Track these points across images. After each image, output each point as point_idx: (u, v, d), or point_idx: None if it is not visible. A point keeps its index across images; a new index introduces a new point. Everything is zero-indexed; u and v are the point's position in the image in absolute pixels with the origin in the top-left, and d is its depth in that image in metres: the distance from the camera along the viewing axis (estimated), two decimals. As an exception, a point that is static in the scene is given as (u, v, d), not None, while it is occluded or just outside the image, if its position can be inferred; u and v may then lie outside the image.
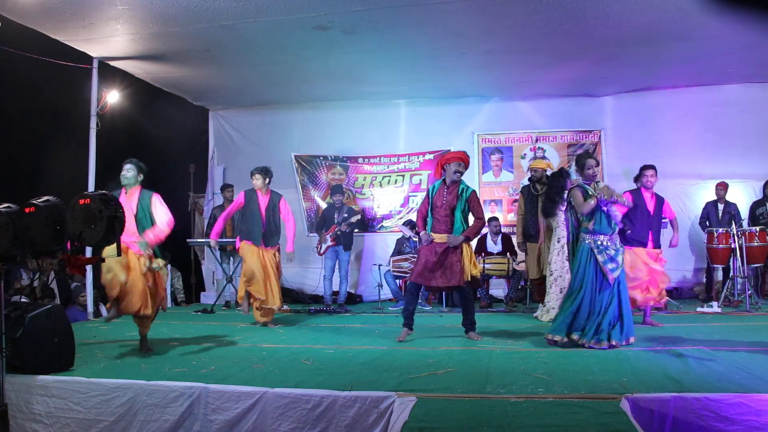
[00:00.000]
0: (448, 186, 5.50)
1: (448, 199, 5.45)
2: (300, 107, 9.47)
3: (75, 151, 7.38)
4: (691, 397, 3.24)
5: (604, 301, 4.86)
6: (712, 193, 8.15)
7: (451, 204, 5.42)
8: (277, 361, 4.52)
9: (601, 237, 4.94)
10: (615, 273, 4.86)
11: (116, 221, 3.77)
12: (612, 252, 4.90)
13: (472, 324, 5.52)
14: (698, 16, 6.02)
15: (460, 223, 5.43)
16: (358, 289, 9.27)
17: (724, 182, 7.99)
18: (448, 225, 5.44)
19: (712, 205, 8.04)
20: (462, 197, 5.45)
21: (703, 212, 8.12)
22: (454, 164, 5.44)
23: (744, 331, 5.47)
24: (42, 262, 6.14)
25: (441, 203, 5.46)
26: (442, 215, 5.44)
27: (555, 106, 9.07)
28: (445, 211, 5.44)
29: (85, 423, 3.78)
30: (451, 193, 5.47)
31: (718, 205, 8.01)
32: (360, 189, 9.48)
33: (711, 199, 8.12)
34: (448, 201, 5.44)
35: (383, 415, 3.34)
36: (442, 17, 6.12)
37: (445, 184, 5.52)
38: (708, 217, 8.00)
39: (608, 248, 4.91)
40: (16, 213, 3.71)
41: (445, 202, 5.45)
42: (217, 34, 6.45)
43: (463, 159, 5.51)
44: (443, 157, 5.67)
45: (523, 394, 3.42)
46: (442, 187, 5.53)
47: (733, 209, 7.93)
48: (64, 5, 5.72)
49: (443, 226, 5.44)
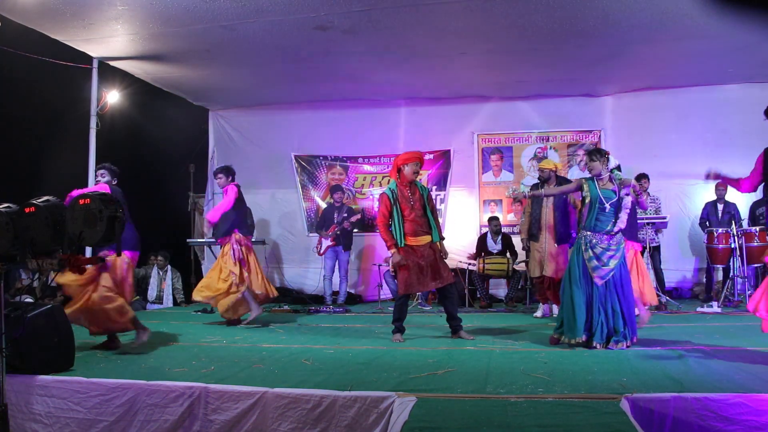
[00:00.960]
0: (409, 187, 5.41)
1: (416, 199, 5.37)
2: (300, 107, 9.48)
3: (75, 151, 7.38)
4: (691, 397, 3.23)
5: (594, 299, 4.76)
6: (712, 193, 8.15)
7: (421, 203, 5.37)
8: (277, 361, 4.52)
9: (587, 233, 4.84)
10: (597, 272, 4.74)
11: (116, 221, 3.76)
12: (598, 251, 4.77)
13: (460, 322, 5.47)
14: (698, 16, 6.03)
15: (432, 222, 5.40)
16: (358, 289, 9.27)
17: (724, 182, 7.98)
18: (426, 226, 5.37)
19: (712, 205, 8.04)
20: (424, 196, 5.42)
21: (703, 212, 8.12)
22: (412, 164, 5.37)
23: (744, 331, 5.47)
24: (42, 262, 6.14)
25: (412, 205, 5.34)
26: (419, 216, 5.35)
27: (555, 106, 9.08)
28: (420, 212, 5.35)
29: (85, 423, 3.78)
30: (416, 194, 5.39)
31: (718, 205, 8.01)
32: (360, 189, 9.49)
33: (710, 200, 8.12)
34: (417, 200, 5.37)
35: (383, 415, 3.34)
36: (442, 17, 6.12)
37: (403, 185, 5.41)
38: (708, 218, 8.01)
39: (595, 246, 4.79)
40: (16, 213, 3.70)
41: (415, 202, 5.35)
42: (217, 34, 6.45)
43: (420, 159, 5.47)
44: (399, 158, 5.50)
45: (523, 394, 3.41)
46: (403, 190, 5.40)
47: (733, 209, 7.92)
48: (64, 5, 5.73)
49: (423, 228, 5.35)
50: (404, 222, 5.33)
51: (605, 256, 4.75)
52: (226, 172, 6.54)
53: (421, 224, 5.35)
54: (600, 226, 4.82)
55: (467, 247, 8.69)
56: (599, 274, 4.73)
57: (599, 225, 4.82)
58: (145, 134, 8.48)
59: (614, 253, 4.77)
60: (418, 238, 5.33)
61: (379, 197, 5.50)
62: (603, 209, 4.81)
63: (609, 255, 4.75)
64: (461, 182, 9.20)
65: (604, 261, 4.74)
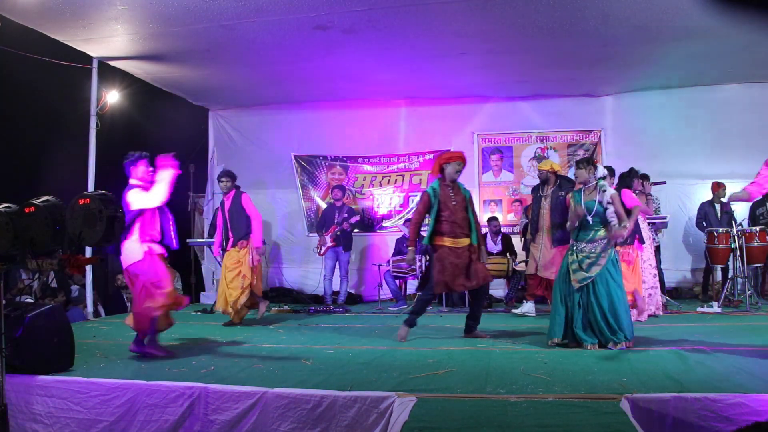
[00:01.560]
0: (451, 187, 5.40)
1: (458, 200, 5.33)
2: (300, 107, 9.48)
3: (75, 151, 7.38)
4: (691, 397, 3.23)
5: (573, 303, 4.84)
6: (710, 193, 8.15)
7: (463, 205, 5.33)
8: (277, 361, 4.52)
9: (575, 242, 4.96)
10: (575, 275, 4.81)
11: (116, 221, 3.77)
12: (580, 257, 4.86)
13: (477, 324, 5.50)
14: (698, 16, 6.02)
15: (473, 224, 5.35)
16: (358, 289, 9.28)
17: (721, 182, 8.00)
18: (467, 228, 5.30)
19: (709, 205, 8.03)
20: (466, 198, 5.40)
21: (700, 213, 8.11)
22: (454, 164, 5.36)
23: (744, 331, 5.47)
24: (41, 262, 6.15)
25: (454, 206, 5.27)
26: (460, 218, 5.27)
27: (555, 106, 9.07)
28: (461, 213, 5.29)
29: (85, 423, 3.78)
30: (458, 194, 5.35)
31: (716, 205, 8.01)
32: (360, 189, 9.49)
33: (706, 200, 8.12)
34: (459, 202, 5.32)
35: (383, 415, 3.34)
36: (442, 17, 6.12)
37: (445, 185, 5.41)
38: (706, 218, 8.00)
39: (579, 253, 4.89)
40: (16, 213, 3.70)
41: (457, 203, 5.30)
42: (217, 34, 6.44)
43: (463, 158, 5.45)
44: (442, 157, 5.55)
45: (523, 394, 3.41)
46: (445, 189, 5.37)
47: (729, 208, 7.94)
48: (64, 5, 5.72)
49: (463, 230, 5.28)
50: (442, 222, 5.26)
51: (585, 263, 4.84)
52: (233, 177, 6.74)
53: (462, 226, 5.28)
54: (582, 236, 4.92)
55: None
56: (577, 277, 4.83)
57: (582, 234, 4.93)
58: (145, 134, 8.47)
59: (595, 260, 4.83)
60: (458, 240, 5.26)
61: (420, 194, 5.44)
62: (587, 220, 4.90)
63: (589, 262, 4.84)
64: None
65: (584, 267, 4.84)
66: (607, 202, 4.86)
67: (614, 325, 4.75)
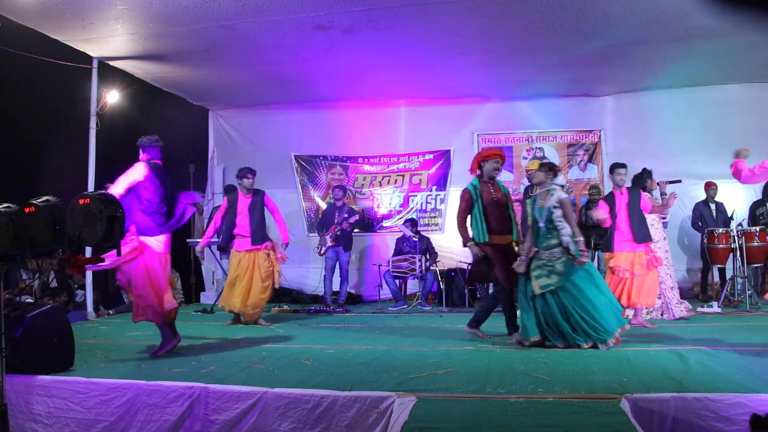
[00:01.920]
0: (491, 184, 5.33)
1: (498, 197, 5.28)
2: (300, 107, 9.48)
3: (75, 151, 7.38)
4: (691, 397, 3.23)
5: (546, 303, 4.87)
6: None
7: (504, 202, 5.30)
8: (277, 361, 4.52)
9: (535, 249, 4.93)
10: (538, 281, 4.82)
11: (116, 221, 3.77)
12: (540, 263, 4.87)
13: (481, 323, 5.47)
14: (699, 17, 6.02)
15: (514, 221, 5.31)
16: (358, 289, 9.27)
17: (714, 182, 8.00)
18: (509, 224, 5.28)
19: (704, 205, 8.02)
20: (507, 194, 5.37)
21: (695, 213, 8.10)
22: (492, 161, 5.31)
23: (744, 331, 5.47)
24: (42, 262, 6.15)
25: (496, 202, 5.23)
26: (501, 215, 5.24)
27: (555, 106, 9.08)
28: (502, 210, 5.25)
29: (85, 423, 3.78)
30: (498, 191, 5.31)
31: (710, 205, 8.00)
32: (360, 189, 9.49)
33: (700, 200, 8.11)
34: (500, 199, 5.29)
35: (383, 415, 3.34)
36: (442, 17, 6.12)
37: (484, 182, 5.32)
38: (702, 218, 7.97)
39: (538, 259, 4.90)
40: (15, 213, 3.70)
41: (498, 200, 5.26)
42: (217, 34, 6.45)
43: (501, 155, 5.38)
44: (480, 154, 5.45)
45: (523, 394, 3.41)
46: (486, 186, 5.30)
47: (723, 208, 7.94)
48: (64, 5, 5.72)
49: (506, 227, 5.26)
50: (488, 218, 5.22)
51: (545, 270, 4.84)
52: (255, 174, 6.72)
53: (504, 222, 5.26)
54: (539, 243, 4.92)
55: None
56: (538, 284, 4.84)
57: (538, 242, 4.93)
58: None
59: (552, 269, 4.82)
60: (504, 236, 5.26)
61: (461, 192, 5.40)
62: (539, 228, 4.92)
63: (548, 270, 4.83)
64: (461, 182, 9.12)
65: (544, 275, 4.84)
66: (553, 205, 4.83)
67: (596, 326, 4.74)
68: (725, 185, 8.38)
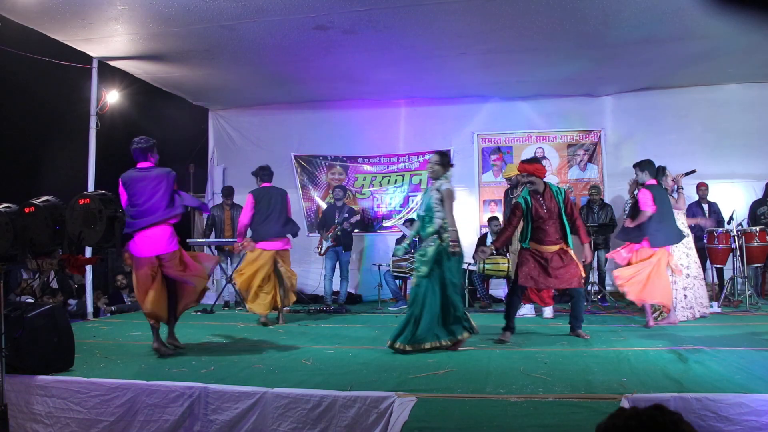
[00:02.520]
0: (542, 194, 5.25)
1: (550, 206, 5.20)
2: (300, 107, 9.48)
3: (75, 151, 7.38)
4: (691, 397, 3.23)
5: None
6: (712, 194, 8.14)
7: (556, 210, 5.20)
8: (277, 361, 4.52)
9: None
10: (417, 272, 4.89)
11: (116, 221, 3.77)
12: (420, 254, 4.91)
13: (580, 323, 5.40)
14: (698, 16, 6.02)
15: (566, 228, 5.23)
16: (358, 289, 9.28)
17: (705, 183, 8.00)
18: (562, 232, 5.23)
19: (697, 206, 7.98)
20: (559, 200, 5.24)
21: (688, 214, 8.06)
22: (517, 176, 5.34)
23: (744, 331, 5.47)
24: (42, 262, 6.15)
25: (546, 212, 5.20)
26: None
27: (555, 106, 9.08)
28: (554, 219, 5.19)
29: (85, 423, 3.78)
30: (552, 199, 5.22)
31: (703, 206, 7.99)
32: (360, 189, 9.49)
33: (693, 201, 8.08)
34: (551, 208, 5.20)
35: (383, 415, 3.34)
36: (442, 17, 6.12)
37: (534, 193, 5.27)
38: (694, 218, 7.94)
39: (420, 249, 4.96)
40: (15, 213, 3.71)
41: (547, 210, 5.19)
42: (217, 34, 6.44)
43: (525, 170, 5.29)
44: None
45: (523, 394, 3.41)
46: (536, 197, 5.24)
47: (716, 208, 7.94)
48: (64, 5, 5.72)
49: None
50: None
51: (420, 260, 4.88)
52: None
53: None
54: (421, 233, 5.00)
55: (467, 247, 8.67)
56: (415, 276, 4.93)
57: (421, 231, 5.00)
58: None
59: (424, 258, 4.86)
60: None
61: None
62: (421, 215, 5.01)
63: (422, 260, 4.86)
64: (461, 182, 9.17)
65: (419, 265, 4.89)
66: (435, 198, 4.89)
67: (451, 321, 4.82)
68: (725, 185, 8.40)
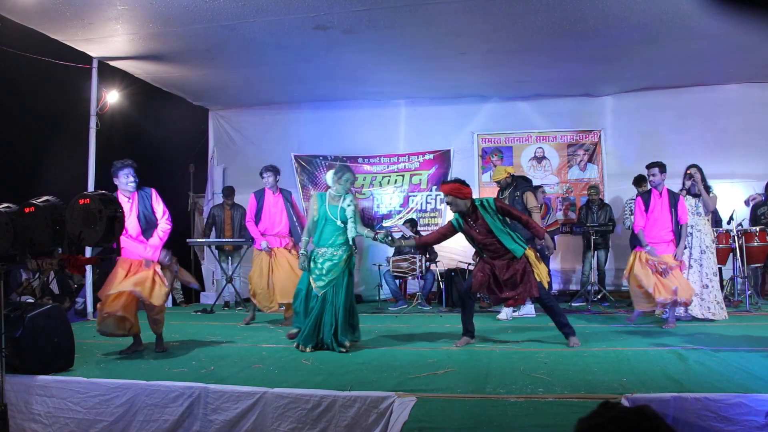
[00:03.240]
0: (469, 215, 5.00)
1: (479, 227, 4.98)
2: (300, 107, 9.48)
3: (75, 151, 7.38)
4: (691, 397, 3.23)
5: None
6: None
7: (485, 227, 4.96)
8: (277, 361, 4.52)
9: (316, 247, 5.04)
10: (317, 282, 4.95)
11: (116, 221, 3.77)
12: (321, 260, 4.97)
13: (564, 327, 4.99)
14: (698, 16, 6.02)
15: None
16: (358, 289, 9.27)
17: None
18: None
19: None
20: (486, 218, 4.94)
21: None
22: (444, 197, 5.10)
23: (744, 331, 5.47)
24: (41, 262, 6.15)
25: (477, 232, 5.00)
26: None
27: (555, 106, 9.08)
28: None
29: (85, 423, 3.78)
30: (480, 218, 4.94)
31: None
32: (360, 189, 9.49)
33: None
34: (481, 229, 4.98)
35: (383, 415, 3.34)
36: (442, 17, 6.12)
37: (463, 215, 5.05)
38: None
39: (320, 257, 4.99)
40: (16, 213, 3.71)
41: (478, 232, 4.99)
42: (217, 34, 6.44)
43: (443, 191, 5.08)
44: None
45: (523, 394, 3.41)
46: (465, 219, 5.03)
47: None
48: (64, 5, 5.72)
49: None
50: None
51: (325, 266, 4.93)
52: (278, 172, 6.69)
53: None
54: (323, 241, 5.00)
55: (467, 247, 8.67)
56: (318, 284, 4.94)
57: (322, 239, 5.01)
58: (144, 134, 8.47)
59: (331, 265, 4.93)
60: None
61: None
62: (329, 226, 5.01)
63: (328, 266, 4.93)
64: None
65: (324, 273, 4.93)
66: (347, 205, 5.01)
67: (354, 325, 5.00)
68: (725, 185, 8.38)
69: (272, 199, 6.54)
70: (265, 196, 6.55)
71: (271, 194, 6.55)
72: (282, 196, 6.59)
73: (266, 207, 6.51)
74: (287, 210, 6.55)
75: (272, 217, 6.51)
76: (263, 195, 6.56)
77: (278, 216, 6.51)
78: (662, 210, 5.90)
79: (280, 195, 6.59)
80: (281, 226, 6.52)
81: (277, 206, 6.53)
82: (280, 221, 6.52)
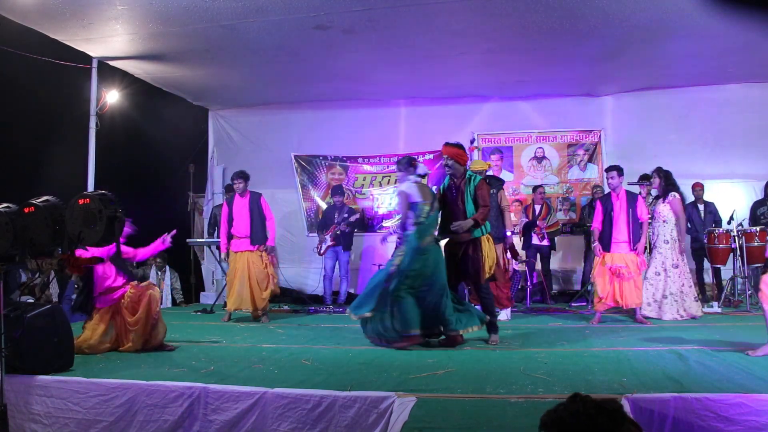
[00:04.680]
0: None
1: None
2: (300, 107, 9.47)
3: (74, 151, 7.38)
4: (691, 397, 3.23)
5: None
6: (712, 193, 8.14)
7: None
8: (277, 361, 4.52)
9: None
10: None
11: (116, 221, 3.77)
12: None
13: (491, 327, 5.14)
14: (698, 16, 6.02)
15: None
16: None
17: (700, 182, 7.99)
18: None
19: (692, 207, 7.93)
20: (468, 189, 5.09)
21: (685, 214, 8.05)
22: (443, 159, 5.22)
23: (744, 331, 5.46)
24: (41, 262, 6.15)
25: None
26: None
27: (555, 106, 9.07)
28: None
29: (85, 423, 3.78)
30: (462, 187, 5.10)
31: (698, 206, 7.97)
32: (360, 189, 9.48)
33: (689, 201, 8.06)
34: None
35: (383, 415, 3.34)
36: (442, 17, 6.12)
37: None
38: (690, 219, 7.88)
39: None
40: (15, 213, 3.70)
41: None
42: (217, 34, 6.44)
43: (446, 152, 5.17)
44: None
45: (523, 394, 3.41)
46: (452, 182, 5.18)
47: (713, 208, 7.92)
48: (63, 5, 5.72)
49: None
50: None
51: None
52: (246, 178, 6.91)
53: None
54: None
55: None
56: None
57: None
58: (144, 134, 8.46)
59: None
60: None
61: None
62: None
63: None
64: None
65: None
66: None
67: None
68: (725, 185, 8.40)
69: (240, 203, 6.86)
70: (234, 201, 6.90)
71: (239, 198, 6.86)
72: (249, 199, 6.84)
73: (235, 211, 6.85)
74: (251, 212, 6.80)
75: (238, 221, 6.82)
76: (233, 200, 6.92)
77: (244, 219, 6.79)
78: (620, 211, 6.19)
79: (248, 199, 6.84)
80: (247, 228, 6.79)
81: (243, 210, 6.82)
82: (246, 224, 6.79)
